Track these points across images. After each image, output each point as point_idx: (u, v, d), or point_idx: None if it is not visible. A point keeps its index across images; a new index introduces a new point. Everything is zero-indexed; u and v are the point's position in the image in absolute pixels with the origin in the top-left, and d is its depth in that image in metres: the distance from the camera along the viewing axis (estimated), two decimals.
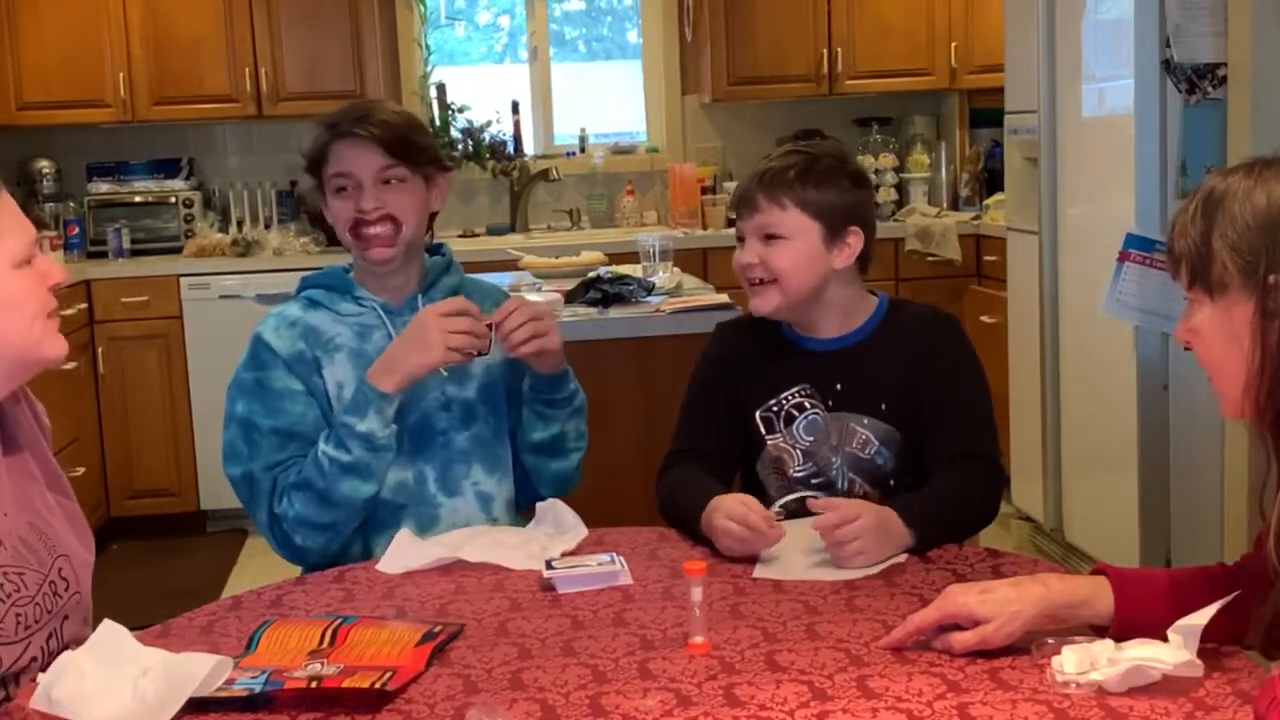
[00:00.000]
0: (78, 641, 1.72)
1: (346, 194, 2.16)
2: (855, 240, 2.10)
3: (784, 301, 2.11)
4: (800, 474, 2.13)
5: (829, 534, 1.85)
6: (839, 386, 2.11)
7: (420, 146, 2.20)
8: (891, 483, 2.09)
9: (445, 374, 2.18)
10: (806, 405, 2.12)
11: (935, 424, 2.07)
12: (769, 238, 2.10)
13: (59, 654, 1.59)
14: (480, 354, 2.10)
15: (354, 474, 2.07)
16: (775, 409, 2.13)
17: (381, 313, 2.21)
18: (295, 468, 2.10)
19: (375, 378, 2.07)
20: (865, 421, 2.10)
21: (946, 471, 2.02)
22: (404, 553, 1.97)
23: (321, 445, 2.08)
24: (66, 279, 1.72)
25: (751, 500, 1.93)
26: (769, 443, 2.14)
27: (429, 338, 2.04)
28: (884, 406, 2.09)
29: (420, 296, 2.24)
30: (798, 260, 2.08)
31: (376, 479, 2.11)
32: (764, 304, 2.13)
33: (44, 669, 1.55)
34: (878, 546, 1.86)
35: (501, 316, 2.09)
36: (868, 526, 1.85)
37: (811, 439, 2.11)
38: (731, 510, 1.90)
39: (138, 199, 5.43)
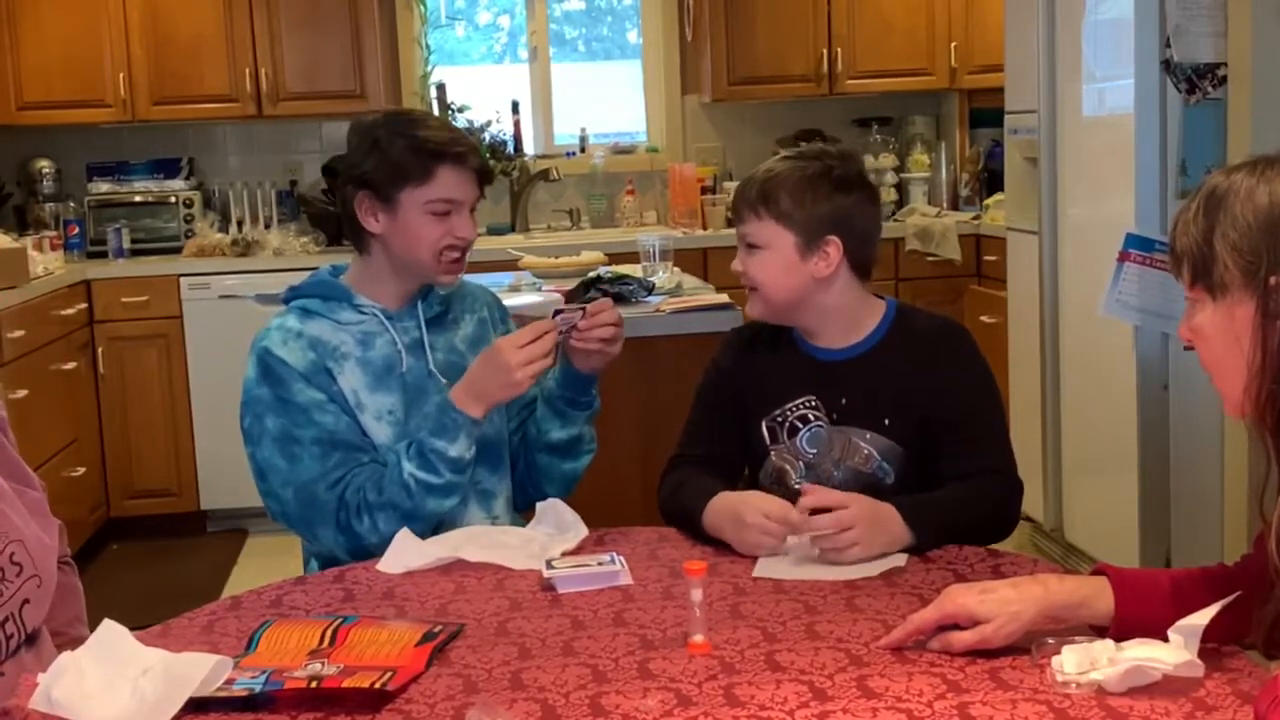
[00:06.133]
0: (55, 631, 1.72)
1: (443, 218, 2.17)
2: (834, 250, 2.08)
3: (766, 309, 2.14)
4: (800, 485, 2.11)
5: (823, 536, 1.85)
6: (844, 401, 2.10)
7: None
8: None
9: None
10: (811, 417, 2.11)
11: (949, 441, 2.05)
12: (750, 246, 2.12)
13: (19, 638, 1.60)
14: (572, 330, 2.14)
15: (441, 493, 2.10)
16: (780, 419, 2.13)
17: (383, 318, 2.21)
18: (359, 482, 2.10)
19: (464, 404, 2.09)
20: (868, 436, 2.08)
21: (960, 484, 2.01)
22: (404, 553, 1.97)
23: (406, 466, 2.08)
24: None
25: (787, 505, 1.92)
26: (772, 453, 2.14)
27: (514, 377, 2.07)
28: (888, 421, 2.08)
29: (420, 302, 2.24)
30: (773, 270, 2.10)
31: (460, 494, 2.14)
32: (751, 310, 2.17)
33: (1, 653, 1.55)
34: (871, 536, 1.85)
35: (598, 310, 2.15)
36: (860, 515, 1.85)
37: (814, 451, 2.11)
38: (769, 509, 1.90)
39: (138, 199, 5.43)
